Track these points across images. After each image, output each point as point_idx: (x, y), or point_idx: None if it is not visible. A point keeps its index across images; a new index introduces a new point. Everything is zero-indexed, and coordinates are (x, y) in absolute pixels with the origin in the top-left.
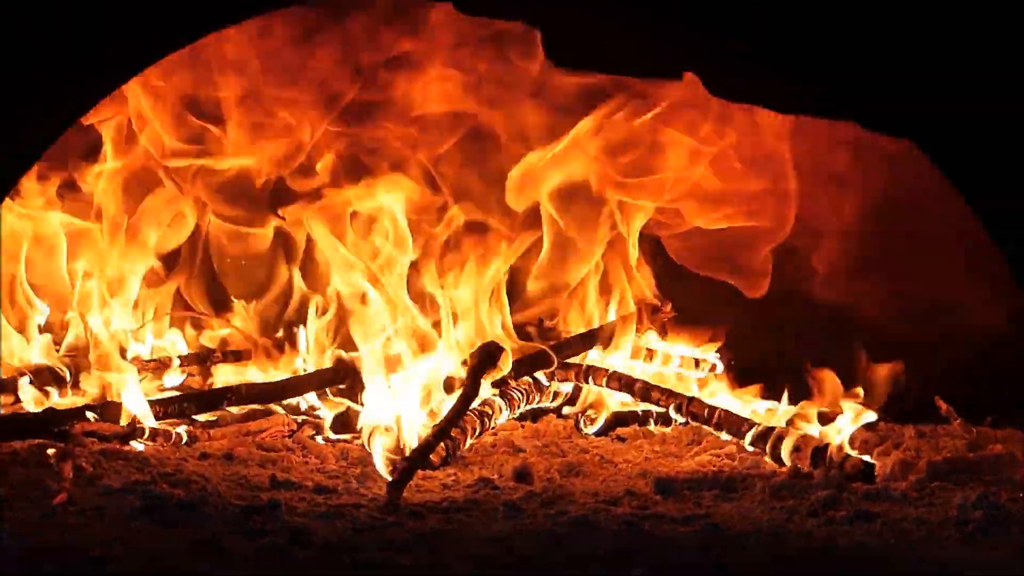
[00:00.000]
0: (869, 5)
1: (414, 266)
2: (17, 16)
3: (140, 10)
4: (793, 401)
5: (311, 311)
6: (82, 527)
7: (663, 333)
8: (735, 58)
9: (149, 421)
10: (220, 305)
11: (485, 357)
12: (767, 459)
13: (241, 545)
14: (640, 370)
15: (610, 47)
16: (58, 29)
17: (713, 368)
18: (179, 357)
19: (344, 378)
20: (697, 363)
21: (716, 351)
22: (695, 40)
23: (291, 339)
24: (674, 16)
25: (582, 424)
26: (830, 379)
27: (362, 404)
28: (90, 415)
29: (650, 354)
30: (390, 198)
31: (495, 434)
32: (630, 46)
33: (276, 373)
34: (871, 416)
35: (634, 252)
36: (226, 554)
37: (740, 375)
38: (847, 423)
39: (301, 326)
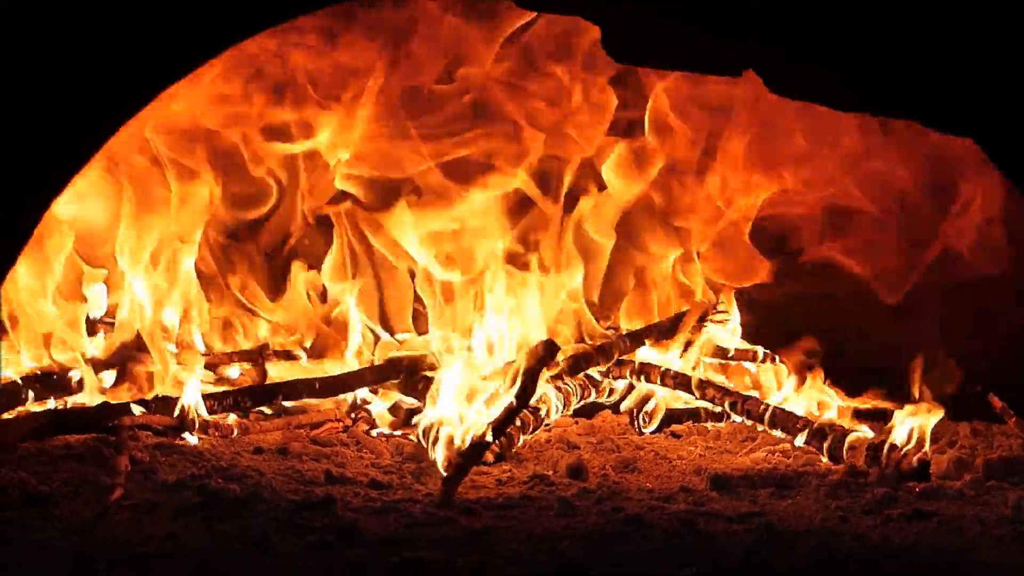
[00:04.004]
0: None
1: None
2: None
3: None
4: (850, 396)
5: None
6: (135, 522)
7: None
8: (794, 55)
9: (201, 412)
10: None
11: (541, 354)
12: (823, 457)
13: (294, 540)
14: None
15: (670, 44)
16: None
17: (771, 359)
18: (233, 352)
19: (399, 373)
20: (755, 356)
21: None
22: (754, 37)
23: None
24: (733, 14)
25: (640, 421)
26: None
27: (419, 399)
28: (138, 409)
29: (706, 348)
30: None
31: (549, 430)
32: (690, 43)
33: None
34: (934, 415)
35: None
36: (278, 550)
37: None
38: (905, 421)
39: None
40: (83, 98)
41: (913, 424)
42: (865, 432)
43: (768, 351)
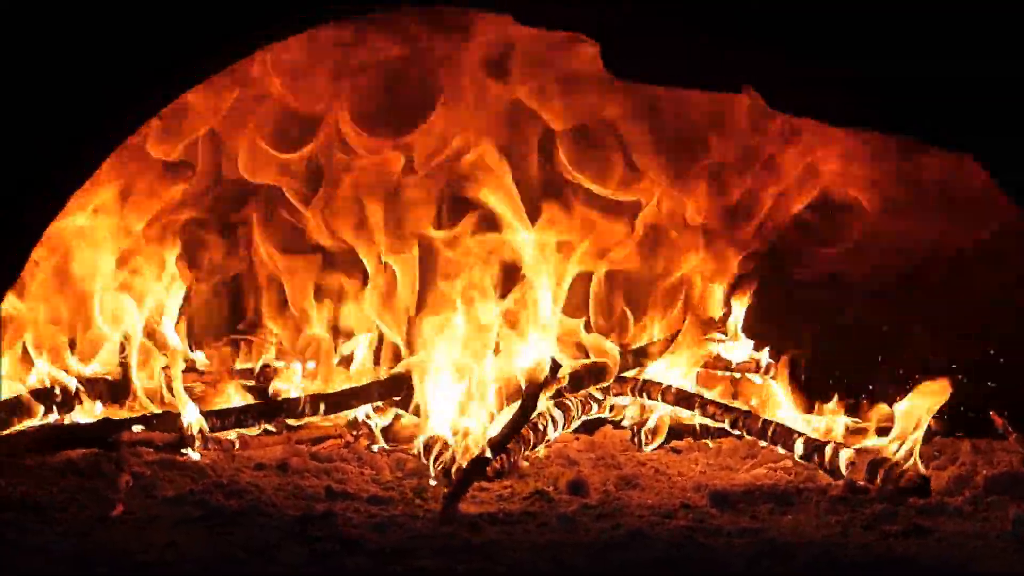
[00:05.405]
0: (927, 18)
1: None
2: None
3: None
4: (849, 412)
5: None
6: (135, 531)
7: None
8: (793, 72)
9: (203, 429)
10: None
11: (543, 371)
12: (823, 472)
13: (296, 550)
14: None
15: (669, 59)
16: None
17: (773, 369)
18: (234, 369)
19: (401, 389)
20: (758, 367)
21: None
22: (754, 54)
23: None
24: (734, 30)
25: (643, 438)
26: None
27: (419, 415)
28: (136, 427)
29: (708, 362)
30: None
31: (550, 446)
32: (689, 59)
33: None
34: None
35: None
36: (280, 559)
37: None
38: (905, 436)
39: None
40: (83, 97)
41: (911, 439)
42: (865, 448)
43: (772, 362)
